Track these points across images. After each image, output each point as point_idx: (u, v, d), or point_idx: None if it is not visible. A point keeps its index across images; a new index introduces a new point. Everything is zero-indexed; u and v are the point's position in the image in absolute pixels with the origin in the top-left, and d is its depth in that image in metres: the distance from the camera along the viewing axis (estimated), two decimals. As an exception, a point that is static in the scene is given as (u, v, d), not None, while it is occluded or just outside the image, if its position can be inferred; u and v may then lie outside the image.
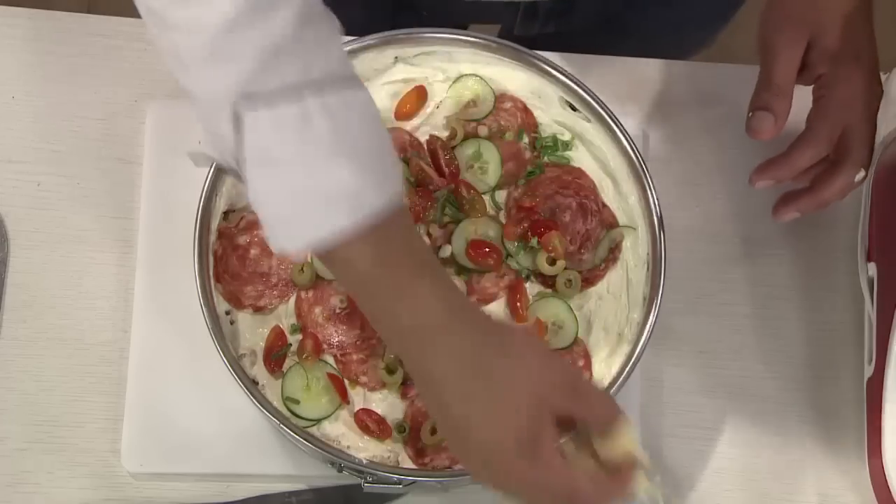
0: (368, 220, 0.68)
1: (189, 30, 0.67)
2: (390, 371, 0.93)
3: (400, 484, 0.89)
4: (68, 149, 1.02)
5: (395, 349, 0.71)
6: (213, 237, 0.93)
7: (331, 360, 0.94)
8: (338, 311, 0.94)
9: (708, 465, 1.00)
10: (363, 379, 0.94)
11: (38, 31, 1.05)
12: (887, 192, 1.01)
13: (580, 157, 0.99)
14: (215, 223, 0.93)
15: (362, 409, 0.93)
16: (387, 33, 0.96)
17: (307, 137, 0.67)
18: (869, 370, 0.97)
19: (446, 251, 0.95)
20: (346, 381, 0.93)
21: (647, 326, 0.91)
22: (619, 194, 0.97)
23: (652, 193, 0.94)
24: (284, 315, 0.94)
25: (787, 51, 0.84)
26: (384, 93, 0.98)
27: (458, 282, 0.95)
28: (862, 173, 0.85)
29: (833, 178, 0.84)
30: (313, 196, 0.68)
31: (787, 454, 1.00)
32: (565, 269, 0.96)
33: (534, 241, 0.96)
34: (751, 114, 0.84)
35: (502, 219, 0.97)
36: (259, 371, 0.92)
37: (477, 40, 0.97)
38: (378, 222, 0.68)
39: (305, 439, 0.88)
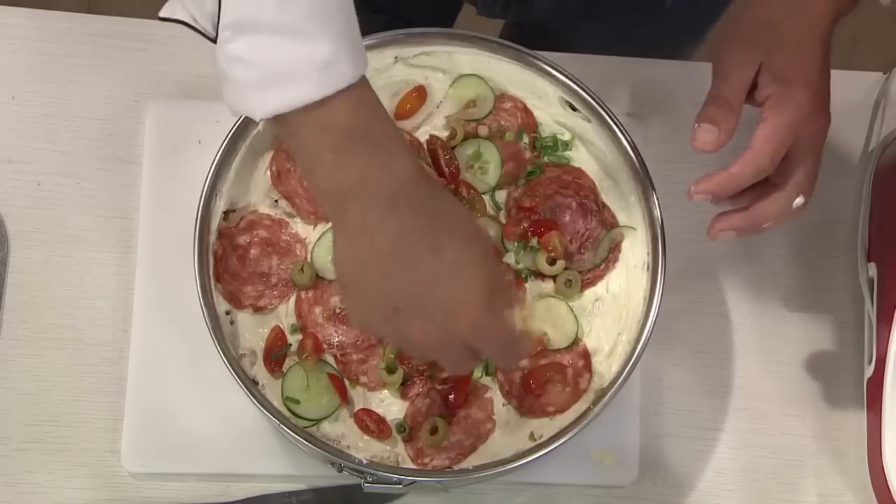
0: (339, 90, 0.70)
1: None
2: (390, 371, 0.93)
3: (400, 484, 0.89)
4: (68, 149, 1.02)
5: (344, 204, 0.73)
6: (213, 237, 0.93)
7: (331, 360, 0.94)
8: (338, 311, 0.94)
9: (708, 465, 1.00)
10: (363, 379, 0.94)
11: (38, 31, 1.05)
12: (887, 192, 1.02)
13: (580, 157, 0.99)
14: (215, 223, 0.93)
15: (362, 409, 0.93)
16: (387, 33, 0.96)
17: (287, 5, 0.68)
18: (869, 370, 0.97)
19: (446, 251, 0.96)
20: (346, 381, 0.93)
21: (647, 326, 0.91)
22: (619, 194, 0.97)
23: (652, 194, 0.94)
24: (284, 315, 0.94)
25: (738, 70, 0.84)
26: (384, 93, 0.98)
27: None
28: (801, 200, 0.84)
29: (771, 200, 0.84)
30: (291, 63, 0.69)
31: (787, 454, 1.00)
32: (565, 269, 0.96)
33: (534, 241, 0.96)
34: (696, 125, 0.84)
35: (502, 219, 0.97)
36: (259, 371, 0.92)
37: (477, 40, 0.97)
38: (348, 92, 0.70)
39: (305, 439, 0.88)
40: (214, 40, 0.71)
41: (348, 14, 0.72)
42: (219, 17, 0.69)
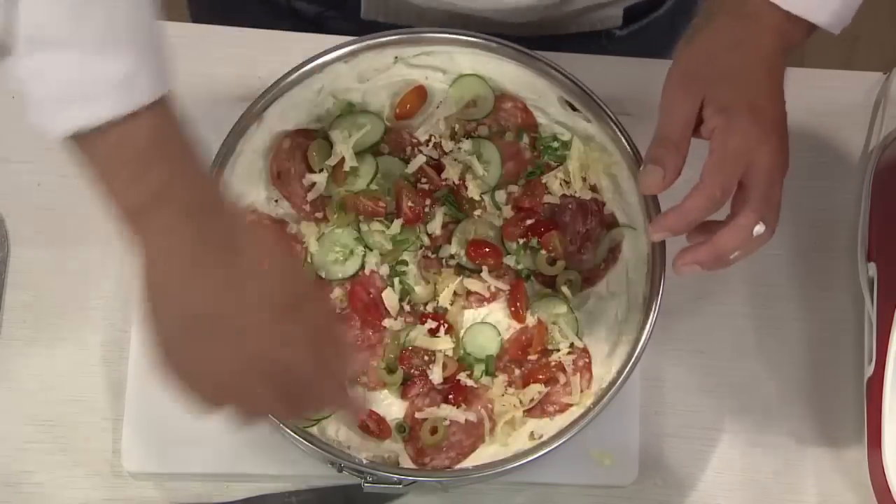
0: (139, 107, 0.68)
1: None
2: (390, 371, 0.93)
3: (400, 484, 0.89)
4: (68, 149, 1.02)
5: (141, 222, 0.71)
6: (213, 237, 0.93)
7: (331, 360, 0.94)
8: (338, 310, 0.94)
9: (708, 465, 1.00)
10: (363, 379, 0.94)
11: (38, 31, 1.04)
12: (887, 192, 1.02)
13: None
14: (215, 223, 0.93)
15: (362, 409, 0.93)
16: (387, 33, 0.96)
17: (84, 20, 0.66)
18: (869, 370, 0.97)
19: (446, 251, 0.96)
20: (347, 381, 0.93)
21: (647, 326, 0.91)
22: (619, 194, 0.97)
23: (652, 193, 0.93)
24: (284, 315, 0.94)
25: (681, 106, 0.83)
26: (384, 93, 0.98)
27: (458, 282, 0.95)
28: (761, 227, 0.82)
29: (729, 230, 0.82)
30: (87, 80, 0.67)
31: (787, 454, 1.00)
32: (565, 269, 0.96)
33: (534, 241, 0.96)
34: (642, 167, 0.83)
35: (502, 219, 0.98)
36: (259, 371, 0.92)
37: (477, 40, 0.97)
38: (149, 110, 0.68)
39: (305, 439, 0.88)
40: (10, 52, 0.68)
41: (150, 28, 0.70)
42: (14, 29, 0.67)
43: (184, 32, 1.05)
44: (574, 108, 0.98)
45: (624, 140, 0.95)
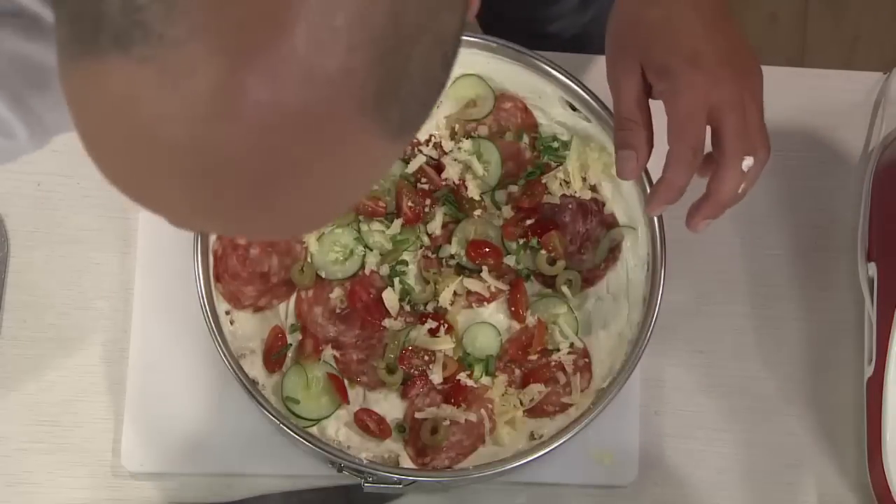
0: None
1: None
2: (390, 371, 0.93)
3: (400, 484, 0.89)
4: (68, 149, 1.02)
5: None
6: (213, 237, 0.93)
7: (331, 359, 0.94)
8: (338, 310, 0.94)
9: (708, 465, 1.00)
10: (363, 379, 0.94)
11: (38, 31, 1.05)
12: (887, 192, 1.02)
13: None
14: (215, 223, 0.93)
15: (362, 409, 0.93)
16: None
17: None
18: (869, 370, 0.97)
19: (446, 251, 0.96)
20: (346, 381, 0.93)
21: (647, 326, 0.91)
22: (619, 194, 0.97)
23: (652, 193, 0.93)
24: (284, 315, 0.94)
25: (623, 81, 0.81)
26: (384, 93, 0.98)
27: (457, 282, 0.95)
28: (749, 160, 0.79)
29: (718, 178, 0.80)
30: None
31: (787, 454, 1.00)
32: (565, 269, 0.96)
33: (534, 241, 0.96)
34: (615, 155, 0.82)
35: (502, 219, 0.98)
36: (259, 371, 0.92)
37: (477, 40, 0.97)
38: None
39: (305, 439, 0.88)
40: None
41: None
42: None
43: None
44: (574, 108, 0.98)
45: (624, 140, 0.95)
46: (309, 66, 0.46)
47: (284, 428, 0.87)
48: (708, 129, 0.79)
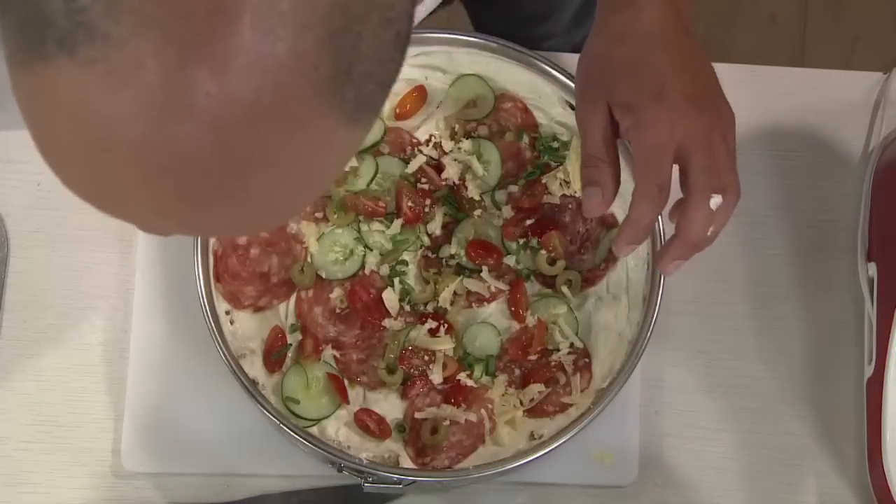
0: None
1: None
2: (390, 371, 0.93)
3: (400, 484, 0.89)
4: (68, 149, 1.02)
5: None
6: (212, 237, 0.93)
7: (331, 359, 0.94)
8: (338, 310, 0.94)
9: (708, 465, 1.00)
10: (363, 379, 0.94)
11: (38, 31, 1.05)
12: (887, 192, 1.02)
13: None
14: (215, 223, 0.93)
15: (362, 409, 0.93)
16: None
17: None
18: (869, 370, 0.97)
19: (446, 251, 0.96)
20: (346, 381, 0.93)
21: (647, 326, 0.91)
22: (619, 194, 0.97)
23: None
24: (284, 315, 0.95)
25: (592, 120, 0.79)
26: (384, 93, 0.98)
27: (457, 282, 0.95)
28: (717, 199, 0.77)
29: (686, 216, 0.77)
30: None
31: (787, 454, 1.00)
32: (565, 269, 0.96)
33: (534, 241, 0.96)
34: (582, 192, 0.80)
35: (502, 219, 0.98)
36: (259, 371, 0.92)
37: (477, 40, 0.97)
38: None
39: (305, 439, 0.88)
40: None
41: None
42: None
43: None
44: (574, 108, 0.97)
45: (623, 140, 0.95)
46: (258, 54, 0.46)
47: (284, 428, 0.87)
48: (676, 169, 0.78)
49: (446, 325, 0.94)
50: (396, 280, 0.95)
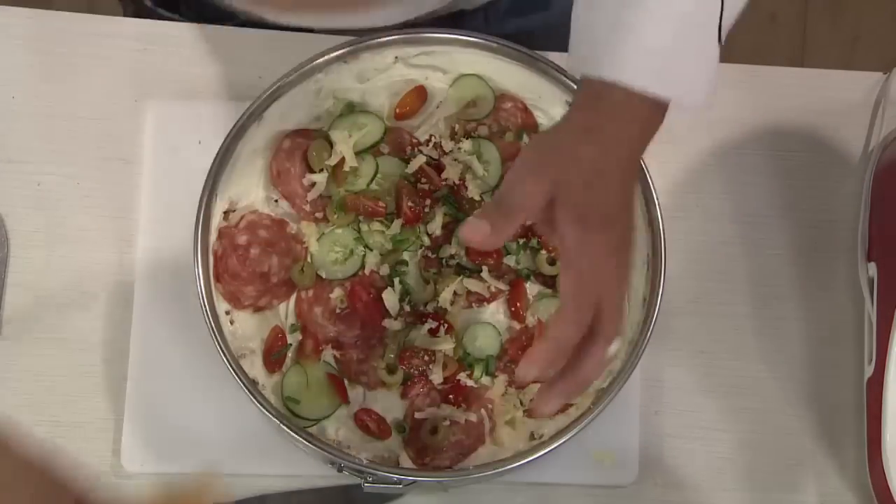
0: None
1: None
2: (390, 371, 0.93)
3: (400, 484, 0.89)
4: (68, 149, 1.02)
5: None
6: (213, 237, 0.93)
7: (331, 359, 0.94)
8: (338, 310, 0.94)
9: (708, 465, 1.00)
10: (363, 379, 0.94)
11: (39, 31, 1.05)
12: (887, 192, 1.02)
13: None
14: (215, 223, 0.93)
15: (362, 409, 0.93)
16: (387, 33, 0.96)
17: None
18: (869, 370, 0.97)
19: (446, 251, 0.96)
20: (346, 381, 0.93)
21: (647, 326, 0.91)
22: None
23: (652, 193, 0.93)
24: (284, 315, 0.95)
25: (531, 189, 0.75)
26: (384, 93, 0.98)
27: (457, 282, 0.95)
28: (615, 346, 0.76)
29: (585, 356, 0.75)
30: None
31: (787, 454, 1.00)
32: (565, 269, 0.96)
33: (534, 241, 0.96)
34: (471, 217, 0.76)
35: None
36: (259, 371, 0.92)
37: (477, 40, 0.97)
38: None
39: (305, 439, 0.88)
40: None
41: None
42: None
43: (183, 32, 1.05)
44: (574, 108, 0.97)
45: (624, 140, 0.95)
46: None
47: (284, 428, 0.87)
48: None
49: (446, 325, 0.94)
50: (396, 280, 0.95)
